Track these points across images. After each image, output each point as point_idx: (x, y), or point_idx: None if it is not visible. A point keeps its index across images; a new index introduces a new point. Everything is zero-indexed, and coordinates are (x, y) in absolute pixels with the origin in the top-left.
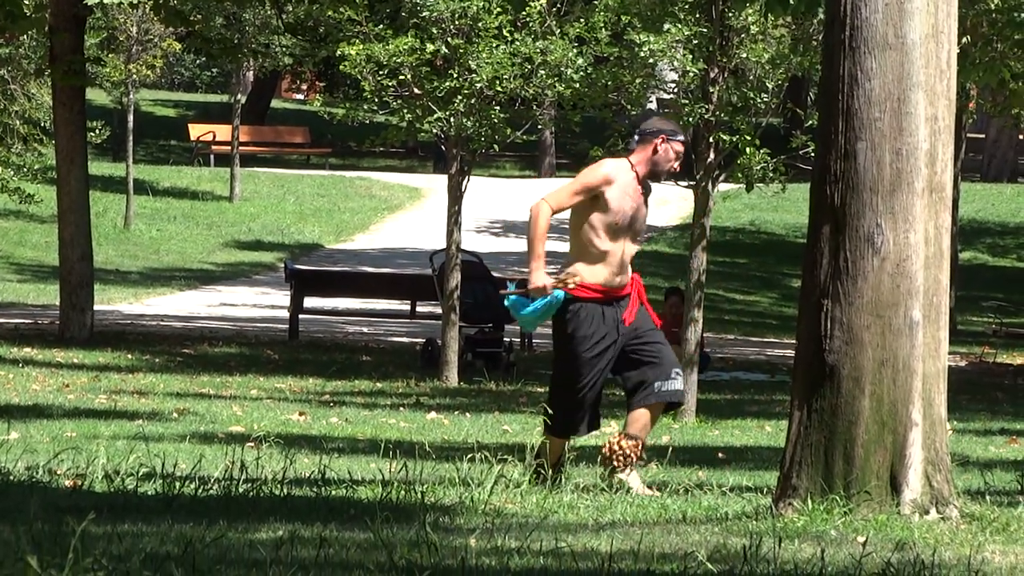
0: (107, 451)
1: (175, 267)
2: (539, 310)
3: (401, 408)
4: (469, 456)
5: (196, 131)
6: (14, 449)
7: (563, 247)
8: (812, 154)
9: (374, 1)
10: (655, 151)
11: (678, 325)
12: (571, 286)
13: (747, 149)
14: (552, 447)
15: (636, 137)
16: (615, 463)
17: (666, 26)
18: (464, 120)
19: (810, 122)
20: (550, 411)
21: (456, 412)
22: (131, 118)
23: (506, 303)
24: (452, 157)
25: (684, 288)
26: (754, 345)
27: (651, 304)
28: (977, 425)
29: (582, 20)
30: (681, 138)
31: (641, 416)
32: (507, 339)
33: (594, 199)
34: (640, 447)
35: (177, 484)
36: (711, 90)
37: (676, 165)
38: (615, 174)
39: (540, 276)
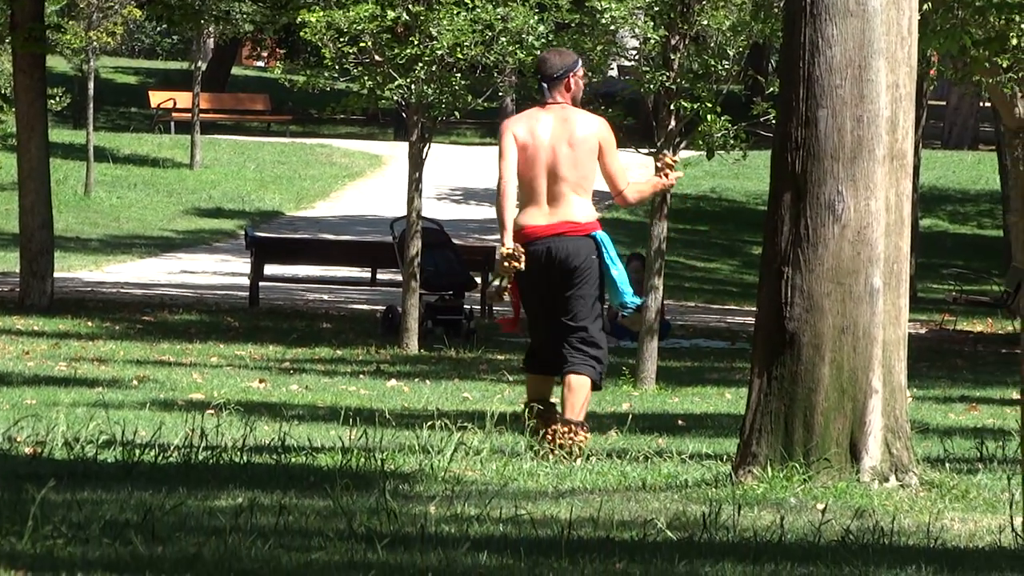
0: (67, 418)
1: (135, 234)
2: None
3: (361, 375)
4: (429, 423)
5: (156, 98)
6: None
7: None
8: (773, 121)
9: None
10: (570, 87)
11: (639, 290)
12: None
13: (708, 116)
14: (528, 382)
15: (546, 85)
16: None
17: None
18: (425, 87)
19: (771, 89)
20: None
21: (416, 379)
22: (91, 85)
23: (630, 304)
24: (413, 124)
25: (645, 255)
26: (715, 312)
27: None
28: (937, 392)
29: None
30: (580, 61)
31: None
32: (467, 306)
33: (521, 150)
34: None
35: (137, 451)
36: (672, 57)
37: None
38: (514, 120)
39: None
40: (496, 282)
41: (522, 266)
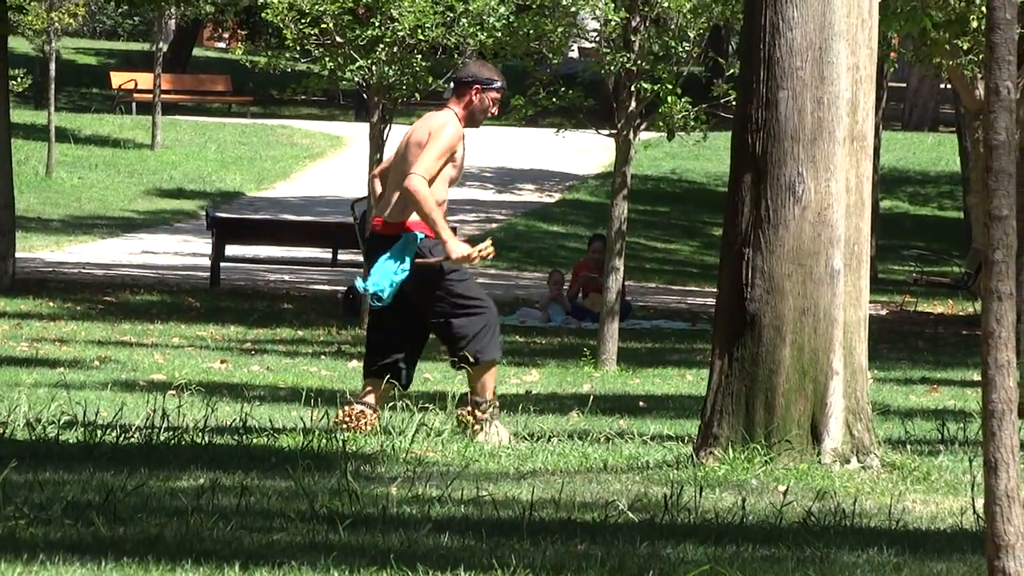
0: (28, 399)
1: (97, 215)
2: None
3: (322, 356)
4: (391, 404)
5: (118, 79)
6: None
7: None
8: (733, 103)
9: None
10: (471, 101)
11: (600, 271)
12: (490, 250)
13: (669, 98)
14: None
15: (452, 86)
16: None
17: None
18: (386, 68)
19: (732, 71)
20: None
21: None
22: (53, 66)
23: (374, 289)
24: (374, 105)
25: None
26: (675, 294)
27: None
28: (898, 374)
29: None
30: (498, 85)
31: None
32: None
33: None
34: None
35: (98, 432)
36: (633, 39)
37: (494, 110)
38: (460, 128)
39: (459, 246)
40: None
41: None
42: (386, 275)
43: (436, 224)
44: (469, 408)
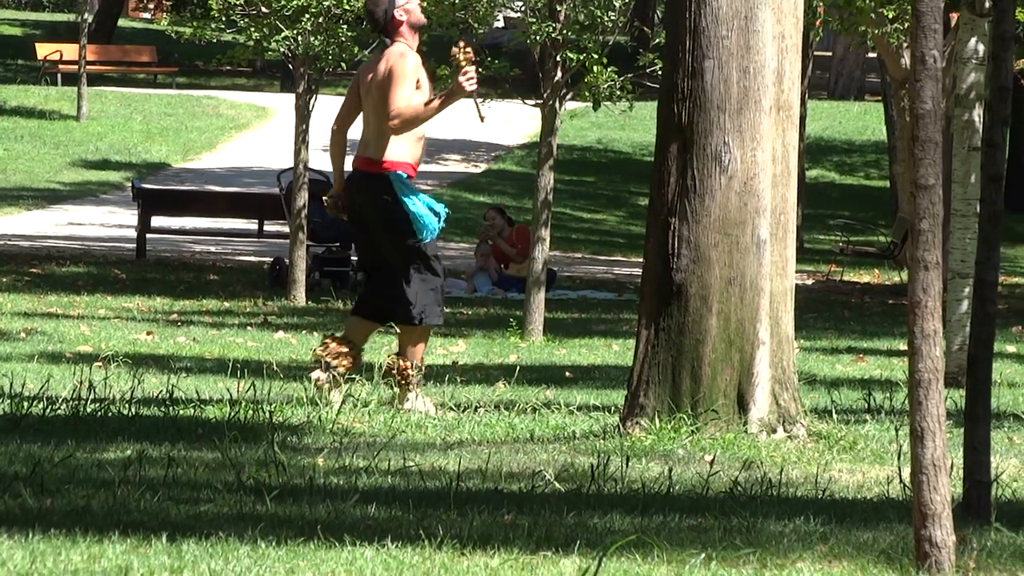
0: None
1: (22, 186)
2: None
3: (249, 327)
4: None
5: (43, 50)
6: None
7: None
8: (659, 73)
9: None
10: (403, 24)
11: (501, 241)
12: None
13: (594, 68)
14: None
15: (386, 26)
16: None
17: None
18: (311, 39)
19: (657, 40)
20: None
21: (304, 331)
22: None
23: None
24: (299, 76)
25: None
26: (601, 264)
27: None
28: (824, 344)
29: None
30: None
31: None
32: (354, 258)
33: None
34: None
35: (25, 404)
36: (558, 8)
37: (420, 15)
38: (417, 56)
39: (457, 85)
40: None
41: None
42: (423, 212)
43: (436, 109)
44: (399, 362)
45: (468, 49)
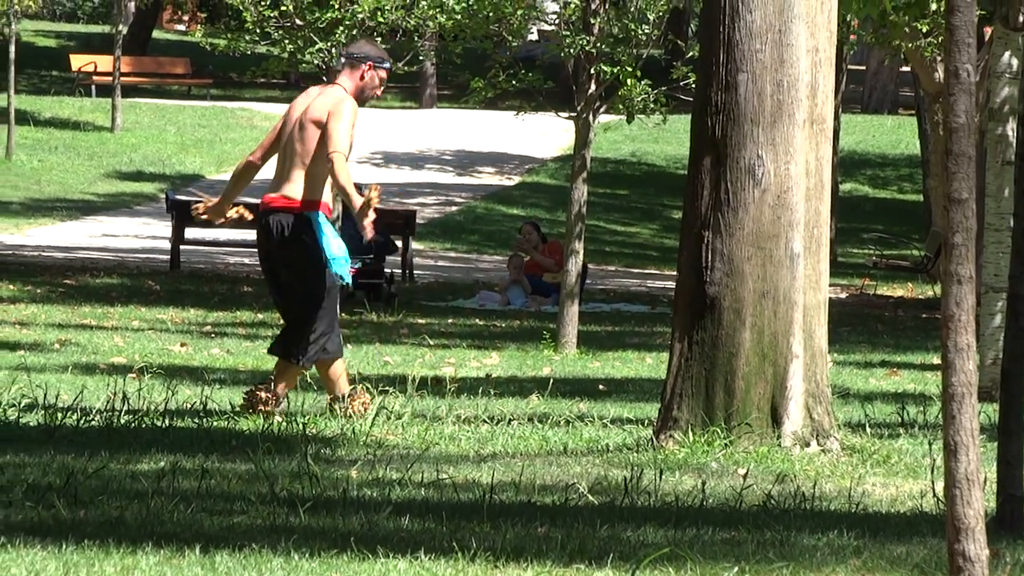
0: None
1: (57, 198)
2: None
3: None
4: (351, 388)
5: (78, 62)
6: None
7: None
8: (693, 85)
9: None
10: (362, 77)
11: (537, 253)
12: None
13: (628, 81)
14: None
15: (343, 60)
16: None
17: None
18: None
19: (691, 53)
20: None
21: None
22: (13, 49)
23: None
24: None
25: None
26: (635, 277)
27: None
28: (858, 357)
29: None
30: (387, 66)
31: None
32: (388, 271)
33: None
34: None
35: (59, 415)
36: (592, 21)
37: (379, 91)
38: (356, 104)
39: (362, 201)
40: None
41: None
42: (333, 255)
43: (352, 197)
44: (260, 392)
45: (375, 193)
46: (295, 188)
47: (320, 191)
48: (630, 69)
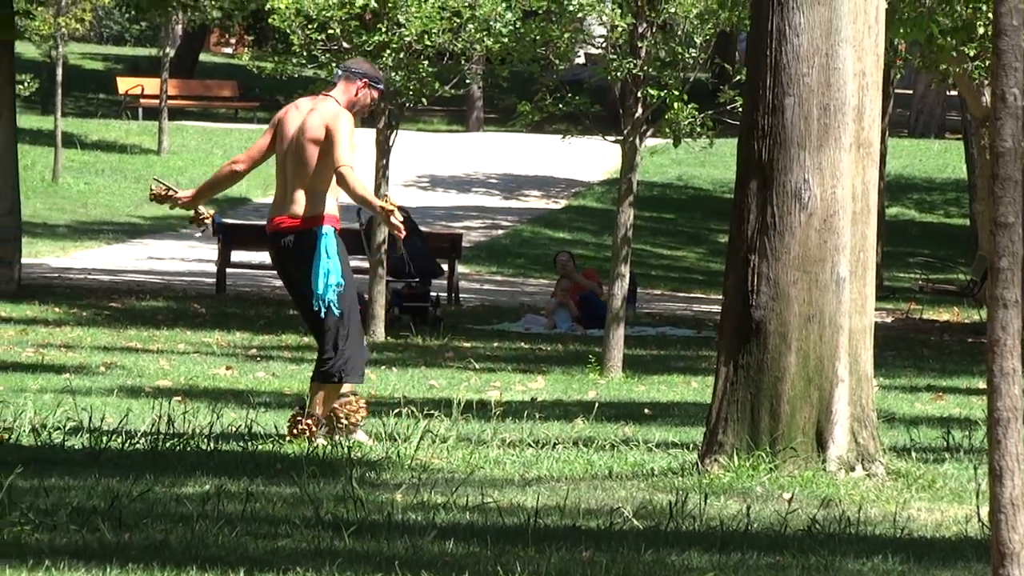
0: (34, 405)
1: (103, 220)
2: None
3: None
4: (396, 411)
5: (124, 84)
6: None
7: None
8: (740, 109)
9: None
10: (356, 93)
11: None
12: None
13: (675, 104)
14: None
15: (340, 72)
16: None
17: None
18: (392, 74)
19: (738, 77)
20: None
21: (383, 367)
22: (60, 71)
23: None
24: (380, 111)
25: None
26: (681, 300)
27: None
28: (903, 381)
29: None
30: (382, 87)
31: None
32: (434, 294)
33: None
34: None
35: (104, 438)
36: (639, 45)
37: (367, 111)
38: (351, 116)
39: (384, 204)
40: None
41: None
42: (328, 280)
43: (373, 203)
44: (303, 420)
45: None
46: (299, 207)
47: (322, 205)
48: (677, 92)
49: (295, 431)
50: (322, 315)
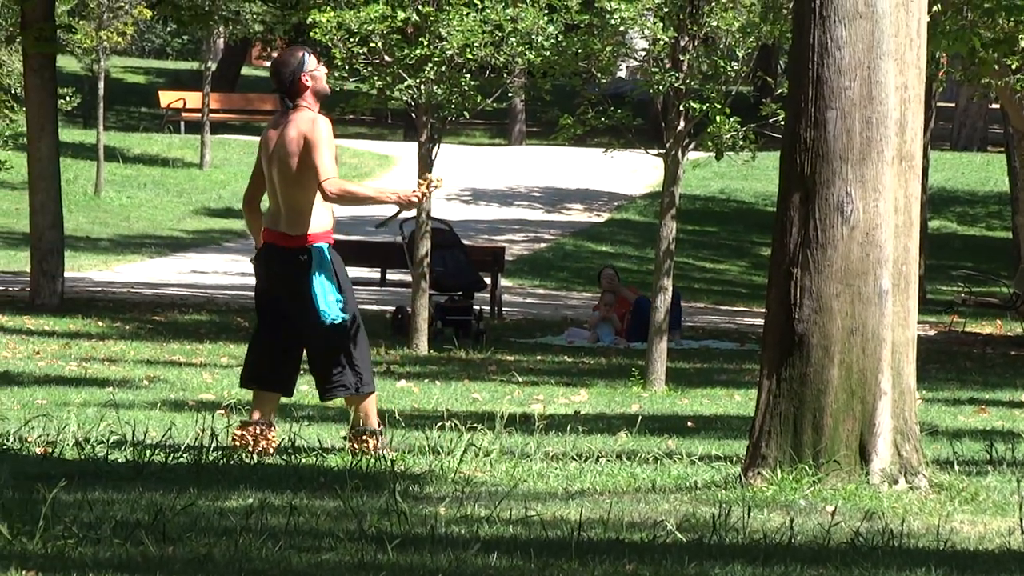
0: (78, 418)
1: (145, 234)
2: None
3: None
4: (439, 424)
5: (167, 98)
6: None
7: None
8: (782, 122)
9: None
10: (307, 89)
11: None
12: (436, 184)
13: (717, 117)
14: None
15: (290, 88)
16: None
17: None
18: (434, 88)
19: (780, 90)
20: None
21: (426, 380)
22: (102, 85)
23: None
24: (422, 124)
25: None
26: (724, 314)
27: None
28: (946, 394)
29: None
30: (312, 60)
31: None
32: (477, 307)
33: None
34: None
35: (147, 452)
36: (681, 58)
37: (326, 85)
38: (328, 121)
39: (401, 190)
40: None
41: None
42: (327, 298)
43: (373, 197)
44: (362, 439)
45: (433, 186)
46: (289, 224)
47: (308, 223)
48: (719, 106)
49: (362, 453)
50: (331, 329)
